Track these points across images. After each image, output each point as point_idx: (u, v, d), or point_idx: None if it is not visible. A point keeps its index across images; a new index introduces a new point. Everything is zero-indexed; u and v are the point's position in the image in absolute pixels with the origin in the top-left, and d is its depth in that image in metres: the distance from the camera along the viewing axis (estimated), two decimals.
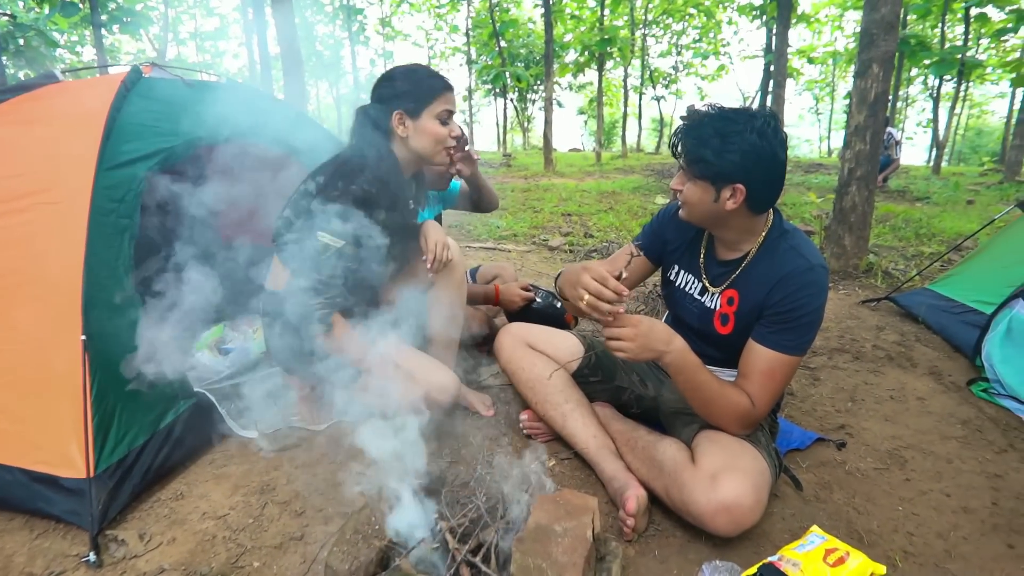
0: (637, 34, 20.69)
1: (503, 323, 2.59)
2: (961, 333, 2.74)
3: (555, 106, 14.63)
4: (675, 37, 23.80)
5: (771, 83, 12.30)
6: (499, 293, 2.52)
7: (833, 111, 31.87)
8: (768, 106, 10.99)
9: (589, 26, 18.71)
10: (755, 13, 16.09)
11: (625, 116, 21.26)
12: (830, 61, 25.17)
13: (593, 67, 17.79)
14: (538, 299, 2.52)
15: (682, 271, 1.76)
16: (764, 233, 1.56)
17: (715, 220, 1.53)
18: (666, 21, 22.59)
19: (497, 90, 22.05)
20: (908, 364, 2.66)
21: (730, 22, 22.56)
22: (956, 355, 2.75)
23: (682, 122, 1.51)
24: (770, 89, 11.82)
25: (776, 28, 9.48)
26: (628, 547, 1.47)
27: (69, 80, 2.26)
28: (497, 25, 17.76)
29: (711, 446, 1.53)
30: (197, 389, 1.88)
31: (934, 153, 14.78)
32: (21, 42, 6.83)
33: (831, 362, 2.68)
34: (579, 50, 18.05)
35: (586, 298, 1.41)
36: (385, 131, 1.81)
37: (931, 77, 15.52)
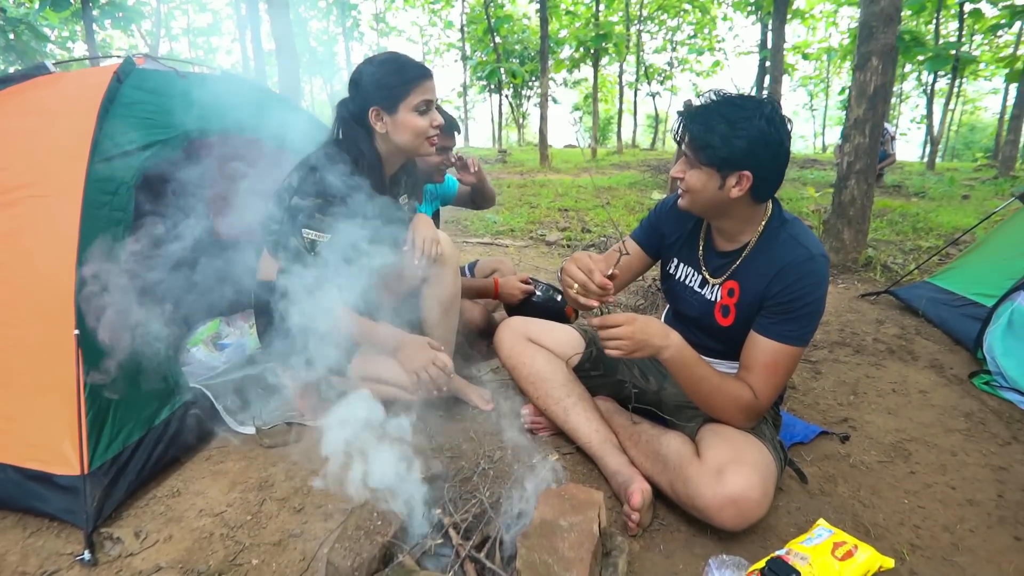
0: (632, 30, 20.68)
1: (502, 317, 2.58)
2: (962, 326, 2.73)
3: (550, 102, 14.58)
4: (670, 33, 23.82)
5: (766, 79, 12.31)
6: (498, 286, 2.50)
7: (827, 107, 31.97)
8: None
9: (584, 22, 18.70)
10: (750, 9, 16.10)
11: (620, 112, 21.26)
12: (824, 57, 25.25)
13: (588, 63, 17.75)
14: (538, 292, 2.50)
15: (681, 264, 1.74)
16: (764, 223, 1.54)
17: (717, 209, 1.51)
18: (661, 17, 22.61)
19: (492, 86, 22.02)
20: (909, 357, 2.65)
21: (725, 18, 22.61)
22: (957, 348, 2.74)
23: (686, 108, 1.49)
24: (765, 85, 11.82)
25: (772, 23, 9.47)
26: (633, 542, 1.45)
27: (60, 71, 2.22)
28: (492, 21, 17.70)
29: (716, 439, 1.51)
30: (193, 385, 1.85)
31: (928, 149, 14.83)
32: (11, 36, 6.76)
33: (832, 355, 2.67)
34: (574, 46, 18.02)
35: (574, 287, 1.42)
36: (365, 126, 1.77)
37: (925, 73, 15.58)
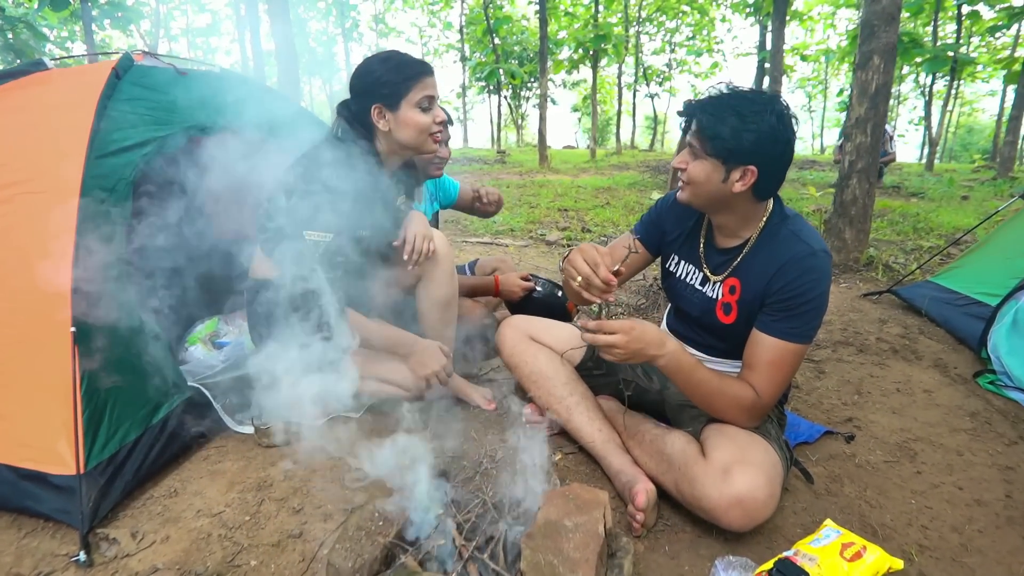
0: (631, 31, 20.71)
1: (503, 316, 2.56)
2: (965, 325, 2.71)
3: (549, 103, 14.58)
4: (669, 34, 23.87)
5: (765, 80, 12.31)
6: (499, 284, 2.48)
7: (826, 108, 32.02)
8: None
9: (583, 23, 18.70)
10: (749, 10, 16.13)
11: (619, 113, 21.27)
12: (823, 59, 25.29)
13: (587, 64, 17.76)
14: (538, 288, 2.49)
15: (682, 261, 1.72)
16: (765, 219, 1.52)
17: (718, 203, 1.48)
18: (660, 18, 22.66)
19: (491, 87, 22.02)
20: (913, 357, 2.64)
21: (723, 20, 22.66)
22: (960, 347, 2.73)
23: (686, 103, 1.47)
24: (765, 86, 11.82)
25: (772, 24, 9.46)
26: (637, 543, 1.43)
27: (58, 68, 2.20)
28: (491, 22, 17.71)
29: (721, 439, 1.49)
30: (191, 383, 1.83)
31: (926, 150, 14.85)
32: (10, 36, 6.73)
33: (835, 355, 2.65)
34: (573, 47, 18.04)
35: (577, 279, 1.39)
36: (366, 125, 1.75)
37: (923, 75, 15.59)
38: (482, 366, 2.42)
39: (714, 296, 1.60)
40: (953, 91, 16.28)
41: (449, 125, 2.32)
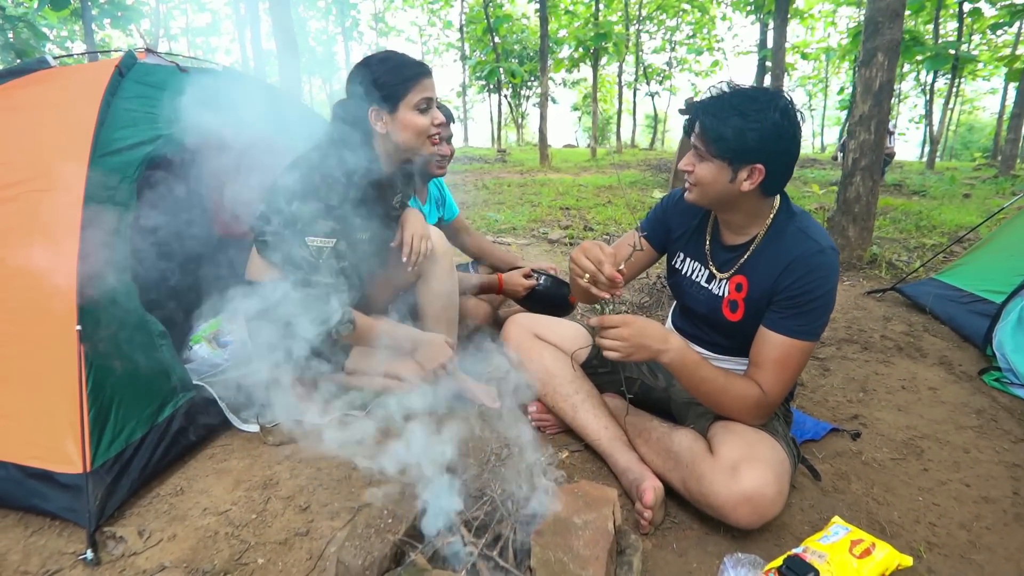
0: (631, 30, 20.69)
1: (506, 313, 2.55)
2: (970, 323, 2.71)
3: (549, 102, 14.56)
4: (669, 33, 23.86)
5: (766, 78, 12.30)
6: (502, 282, 2.48)
7: (826, 107, 31.99)
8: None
9: (583, 21, 18.70)
10: (749, 8, 16.10)
11: (620, 112, 21.25)
12: (823, 57, 25.27)
13: (587, 63, 17.75)
14: (540, 283, 2.50)
15: (688, 259, 1.71)
16: (772, 216, 1.52)
17: (727, 202, 1.48)
18: (660, 17, 22.65)
19: (491, 86, 22.01)
20: (917, 354, 2.63)
21: (724, 18, 22.64)
22: (965, 344, 2.72)
23: (687, 102, 1.47)
24: (766, 84, 11.81)
25: (774, 22, 9.45)
26: (645, 540, 1.42)
27: (60, 66, 2.19)
28: (491, 21, 17.70)
29: (729, 436, 1.49)
30: (196, 382, 1.82)
31: (927, 148, 14.84)
32: (10, 35, 6.72)
33: (840, 352, 2.65)
34: (573, 45, 18.02)
35: (585, 277, 1.39)
36: (364, 126, 1.72)
37: (924, 72, 15.59)
38: (486, 364, 2.41)
39: (720, 293, 1.60)
40: (954, 89, 16.27)
41: (451, 123, 2.31)
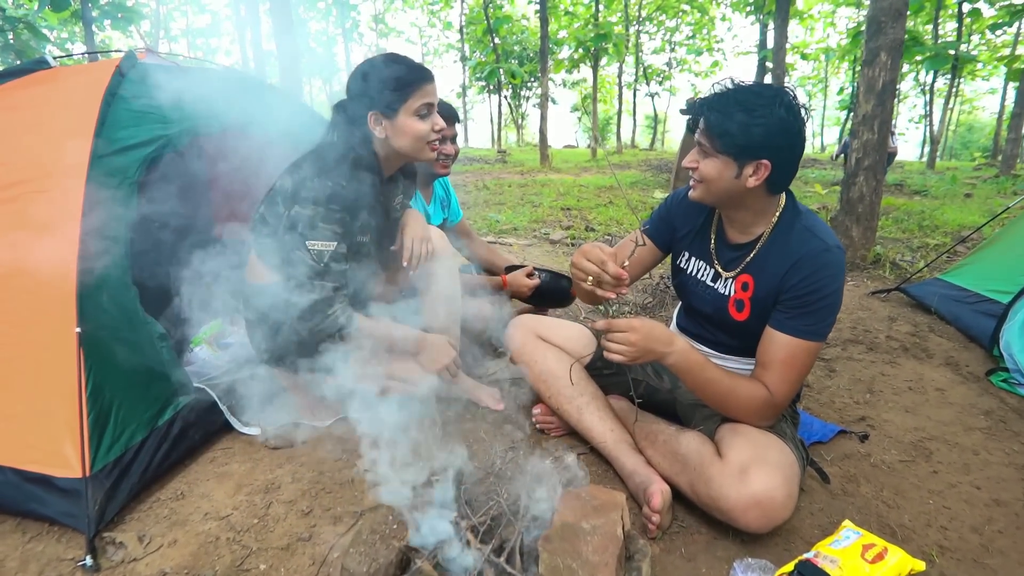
0: (631, 30, 20.69)
1: (510, 312, 2.54)
2: (976, 323, 2.69)
3: (549, 103, 14.55)
4: (669, 33, 23.86)
5: (766, 78, 12.29)
6: (506, 283, 2.47)
7: (826, 107, 31.99)
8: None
9: (584, 22, 18.69)
10: (749, 9, 16.09)
11: (620, 112, 21.25)
12: (822, 57, 25.27)
13: (588, 63, 17.74)
14: (543, 279, 2.51)
15: (693, 258, 1.69)
16: (777, 214, 1.50)
17: (732, 199, 1.46)
18: (660, 17, 22.65)
19: (491, 87, 22.01)
20: (924, 355, 2.61)
21: (724, 18, 22.64)
22: (971, 345, 2.70)
23: (688, 101, 1.46)
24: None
25: (775, 22, 9.43)
26: (653, 545, 1.40)
27: (60, 66, 2.18)
28: (491, 21, 17.69)
29: (737, 439, 1.47)
30: (197, 385, 1.81)
31: (927, 148, 14.83)
32: (11, 36, 6.70)
33: (845, 353, 2.63)
34: (573, 46, 18.01)
35: (588, 280, 1.38)
36: (363, 130, 1.70)
37: (924, 72, 15.59)
38: (490, 366, 2.40)
39: (726, 293, 1.58)
40: (954, 89, 16.26)
41: (456, 122, 2.30)
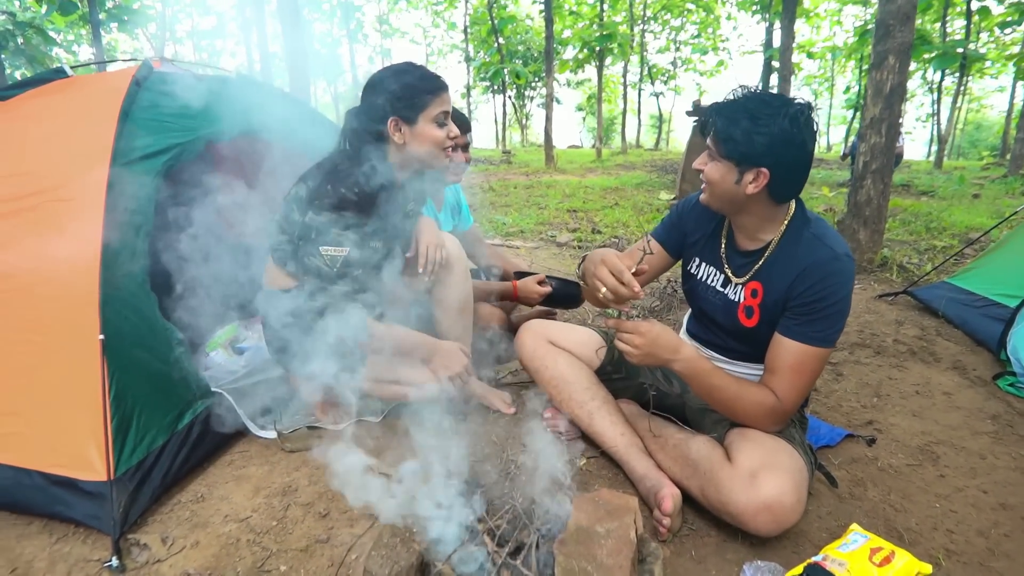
0: (636, 30, 20.66)
1: (520, 319, 2.56)
2: (984, 327, 2.70)
3: (554, 103, 14.55)
4: (674, 33, 23.80)
5: (772, 77, 12.26)
6: (517, 289, 2.48)
7: (832, 106, 31.85)
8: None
9: (588, 22, 18.68)
10: (755, 8, 16.04)
11: (624, 112, 21.23)
12: (829, 56, 25.16)
13: (592, 63, 17.73)
14: (554, 287, 2.51)
15: (703, 263, 1.72)
16: (786, 222, 1.52)
17: (734, 204, 1.49)
18: (665, 17, 22.60)
19: (495, 87, 22.02)
20: (931, 359, 2.63)
21: (729, 17, 22.57)
22: (979, 349, 2.71)
23: (695, 105, 1.50)
24: (773, 84, 11.78)
25: (782, 22, 9.42)
26: (664, 548, 1.43)
27: (77, 75, 2.21)
28: (495, 22, 17.71)
29: (746, 443, 1.49)
30: (214, 389, 1.84)
31: (935, 147, 14.77)
32: (20, 40, 6.77)
33: (853, 357, 2.65)
34: (578, 46, 18.00)
35: (603, 291, 1.42)
36: (380, 136, 1.73)
37: (931, 71, 15.52)
38: (500, 370, 2.43)
39: (736, 299, 1.60)
40: (962, 87, 16.19)
41: (467, 132, 2.32)
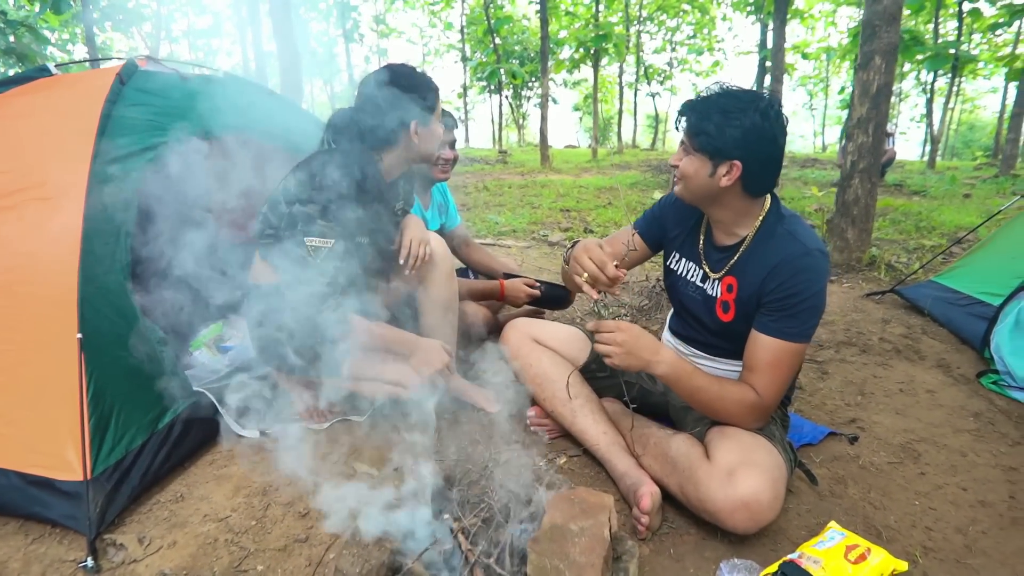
0: (632, 30, 20.68)
1: (506, 318, 2.56)
2: (968, 325, 2.71)
3: (550, 103, 14.56)
4: (669, 33, 23.82)
5: (766, 78, 12.30)
6: (504, 288, 2.48)
7: (827, 106, 31.93)
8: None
9: (584, 22, 18.68)
10: (750, 9, 16.08)
11: (620, 112, 21.26)
12: (823, 56, 25.22)
13: (588, 63, 17.73)
14: (542, 291, 2.51)
15: (683, 259, 1.74)
16: (761, 218, 1.54)
17: (709, 198, 1.52)
18: (660, 17, 22.61)
19: (492, 87, 22.02)
20: (916, 357, 2.64)
21: (724, 18, 22.62)
22: (963, 347, 2.72)
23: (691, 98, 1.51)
24: (766, 84, 11.81)
25: (773, 23, 9.45)
26: (642, 545, 1.43)
27: (62, 73, 2.21)
28: (492, 22, 17.71)
29: (725, 441, 1.50)
30: (196, 388, 1.84)
31: (928, 148, 14.82)
32: (11, 39, 6.74)
33: (838, 355, 2.65)
34: (574, 46, 17.99)
35: (584, 276, 1.46)
36: (388, 137, 1.80)
37: (924, 72, 15.58)
38: (484, 368, 2.42)
39: (714, 294, 1.62)
40: (954, 88, 16.24)
41: (454, 128, 2.34)
